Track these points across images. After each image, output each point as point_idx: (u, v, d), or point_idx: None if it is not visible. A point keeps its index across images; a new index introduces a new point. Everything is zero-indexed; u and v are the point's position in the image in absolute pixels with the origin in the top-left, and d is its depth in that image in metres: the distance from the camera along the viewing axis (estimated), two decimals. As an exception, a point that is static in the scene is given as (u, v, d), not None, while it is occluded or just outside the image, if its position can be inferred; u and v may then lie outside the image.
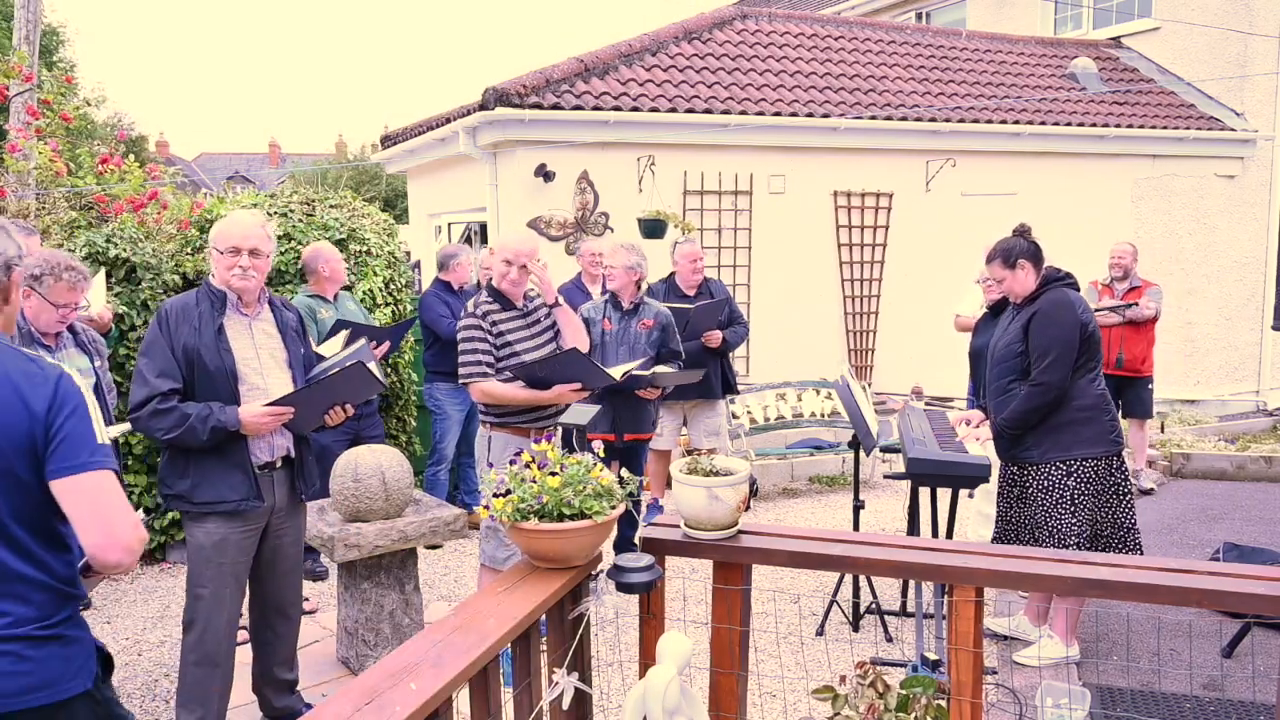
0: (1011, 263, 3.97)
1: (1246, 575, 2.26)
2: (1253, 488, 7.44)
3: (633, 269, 5.09)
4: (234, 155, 41.98)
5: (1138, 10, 12.84)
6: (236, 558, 3.21)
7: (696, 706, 2.31)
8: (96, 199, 5.88)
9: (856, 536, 2.62)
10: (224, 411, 3.08)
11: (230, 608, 3.24)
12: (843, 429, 7.44)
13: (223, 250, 3.15)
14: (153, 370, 3.06)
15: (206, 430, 3.04)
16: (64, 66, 17.72)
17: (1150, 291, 6.86)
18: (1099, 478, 3.88)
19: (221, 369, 3.11)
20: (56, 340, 3.53)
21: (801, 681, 3.99)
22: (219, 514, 3.15)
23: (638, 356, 4.96)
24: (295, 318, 3.43)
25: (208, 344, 3.11)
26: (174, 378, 3.06)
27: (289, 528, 3.40)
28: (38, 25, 6.52)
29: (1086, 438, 3.86)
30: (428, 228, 10.46)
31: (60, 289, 3.42)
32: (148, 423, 3.05)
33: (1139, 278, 6.99)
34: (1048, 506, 3.89)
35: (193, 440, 3.05)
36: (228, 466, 3.14)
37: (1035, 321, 3.88)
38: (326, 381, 3.21)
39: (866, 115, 8.84)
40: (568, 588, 2.31)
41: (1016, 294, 4.01)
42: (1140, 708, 3.72)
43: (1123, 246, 6.98)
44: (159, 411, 3.03)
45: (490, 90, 7.44)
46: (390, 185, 26.08)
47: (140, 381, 3.07)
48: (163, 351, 3.07)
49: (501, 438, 3.98)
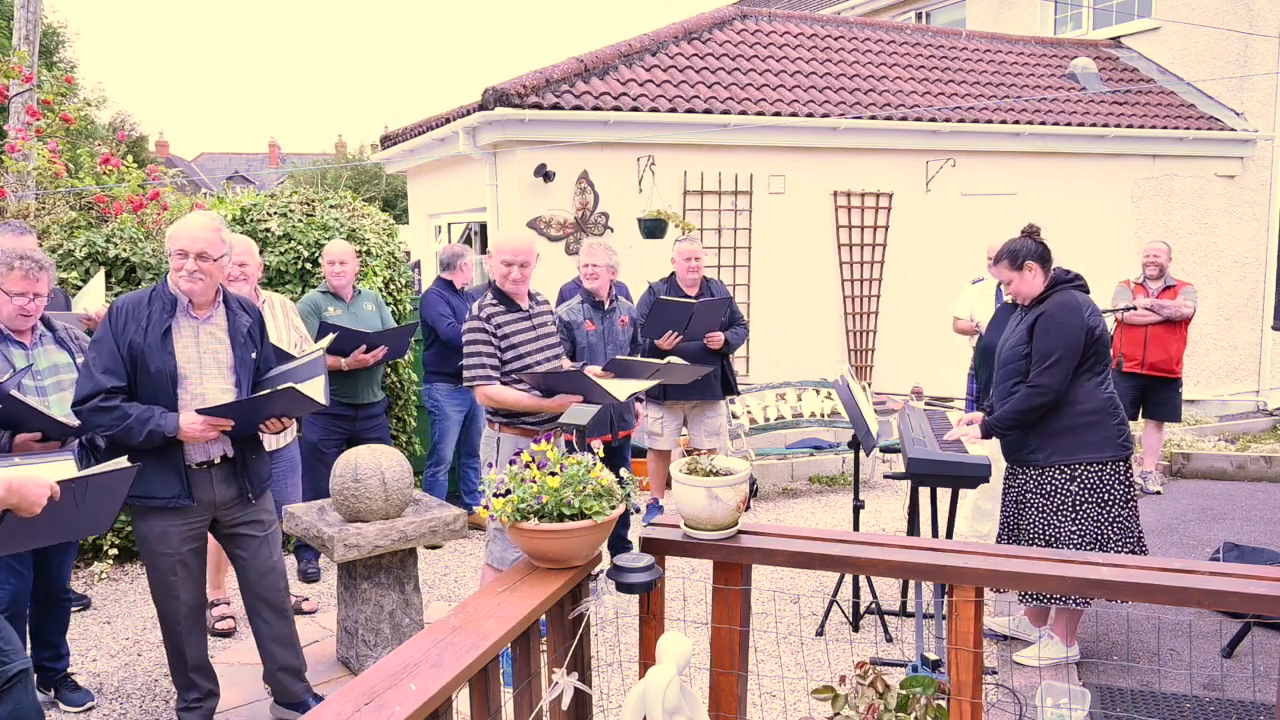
0: (1019, 264, 3.95)
1: (1247, 575, 2.26)
2: (1253, 488, 7.44)
3: (613, 268, 5.23)
4: (234, 155, 41.99)
5: (1138, 10, 12.84)
6: (179, 548, 3.29)
7: (696, 706, 2.31)
8: (96, 199, 5.89)
9: (856, 536, 2.62)
10: (164, 418, 3.13)
11: (184, 595, 3.32)
12: (843, 429, 7.45)
13: (172, 251, 3.19)
14: (99, 366, 3.11)
15: (143, 433, 3.09)
16: (64, 67, 17.72)
17: (1185, 291, 6.84)
18: (1103, 484, 3.84)
19: (163, 372, 3.16)
20: (32, 336, 3.51)
21: (801, 681, 3.99)
22: (156, 509, 3.24)
23: (619, 353, 5.06)
24: (252, 320, 3.43)
25: (153, 345, 3.14)
26: (119, 375, 3.11)
27: (247, 522, 3.44)
28: (38, 25, 6.52)
29: (1092, 442, 3.82)
30: (428, 228, 10.46)
31: (14, 278, 3.37)
32: (89, 417, 3.11)
33: (1173, 277, 6.98)
34: (1047, 511, 3.87)
35: (127, 440, 3.11)
36: (161, 464, 3.20)
37: (1040, 323, 3.85)
38: (259, 399, 3.24)
39: (866, 115, 8.84)
40: (568, 588, 2.31)
41: (1024, 296, 3.98)
42: (1140, 708, 3.71)
43: (1157, 245, 6.94)
44: (101, 409, 3.08)
45: (490, 90, 7.44)
46: (390, 185, 26.09)
47: (86, 376, 3.13)
48: (110, 349, 3.12)
49: (510, 439, 3.98)
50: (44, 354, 3.51)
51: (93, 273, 5.40)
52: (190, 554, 3.34)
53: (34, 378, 3.43)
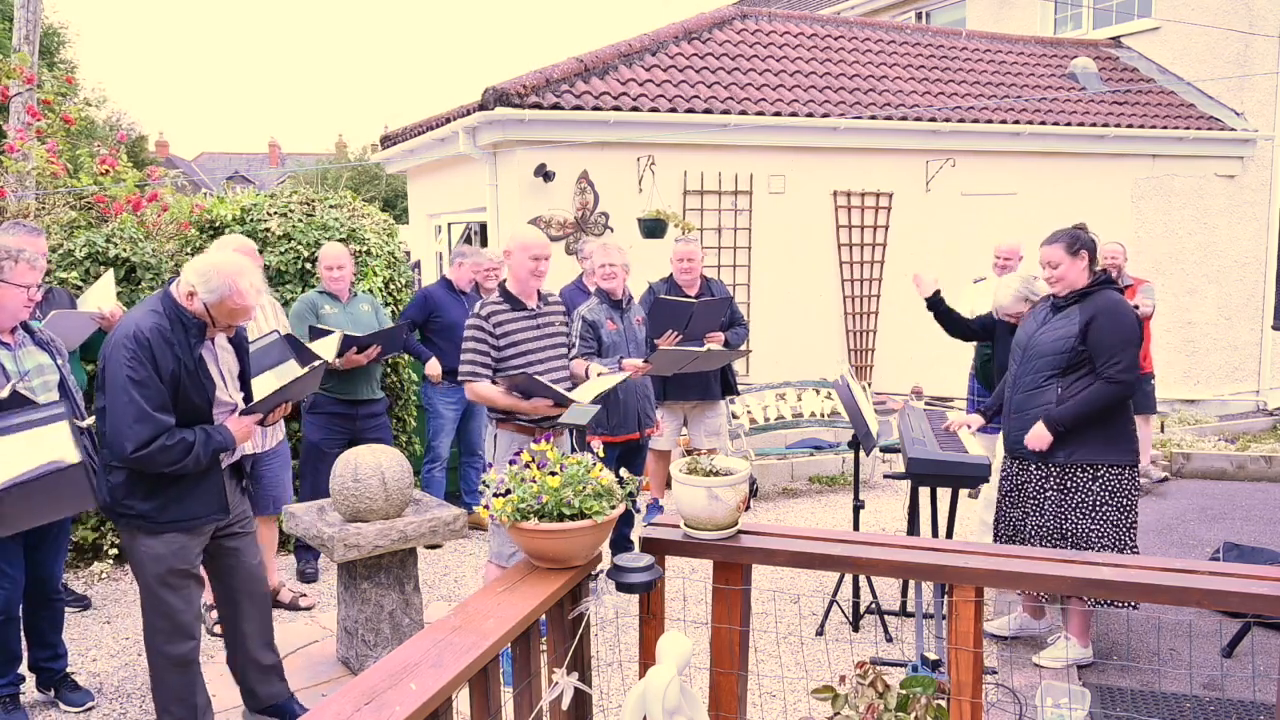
0: (1075, 249, 3.94)
1: (1247, 575, 2.26)
2: (1253, 488, 7.44)
3: (627, 266, 5.24)
4: (234, 155, 41.99)
5: (1138, 10, 12.84)
6: (196, 558, 3.24)
7: (696, 706, 2.31)
8: (96, 199, 5.89)
9: (856, 536, 2.62)
10: (219, 432, 3.12)
11: (194, 606, 3.27)
12: (843, 429, 7.44)
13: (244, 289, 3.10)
14: (152, 405, 2.98)
15: (208, 454, 3.08)
16: (65, 67, 17.72)
17: (1144, 289, 6.85)
18: (1122, 487, 3.91)
19: (204, 397, 3.12)
20: (14, 337, 3.52)
21: (801, 681, 3.99)
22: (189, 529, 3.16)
23: (640, 351, 5.09)
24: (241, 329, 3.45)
25: (190, 373, 3.08)
26: (169, 410, 3.03)
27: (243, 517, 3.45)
28: (37, 25, 6.51)
29: (1118, 445, 3.90)
30: (428, 228, 10.46)
31: (22, 270, 3.41)
32: (156, 457, 2.98)
33: (1129, 276, 6.99)
34: (1065, 509, 3.89)
35: (195, 468, 3.06)
36: (206, 483, 3.15)
37: (1102, 319, 3.85)
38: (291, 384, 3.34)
39: (866, 115, 8.84)
40: (568, 588, 2.31)
41: (1066, 284, 3.96)
42: (1140, 708, 3.71)
43: (1113, 246, 6.95)
44: (166, 447, 2.99)
45: (490, 90, 7.44)
46: (390, 185, 26.09)
47: (142, 418, 2.96)
48: (156, 386, 2.99)
49: (507, 435, 4.01)
50: (28, 355, 3.51)
51: (93, 272, 5.40)
52: (199, 564, 3.27)
53: (22, 378, 3.44)
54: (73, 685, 3.92)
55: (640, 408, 5.06)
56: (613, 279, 5.16)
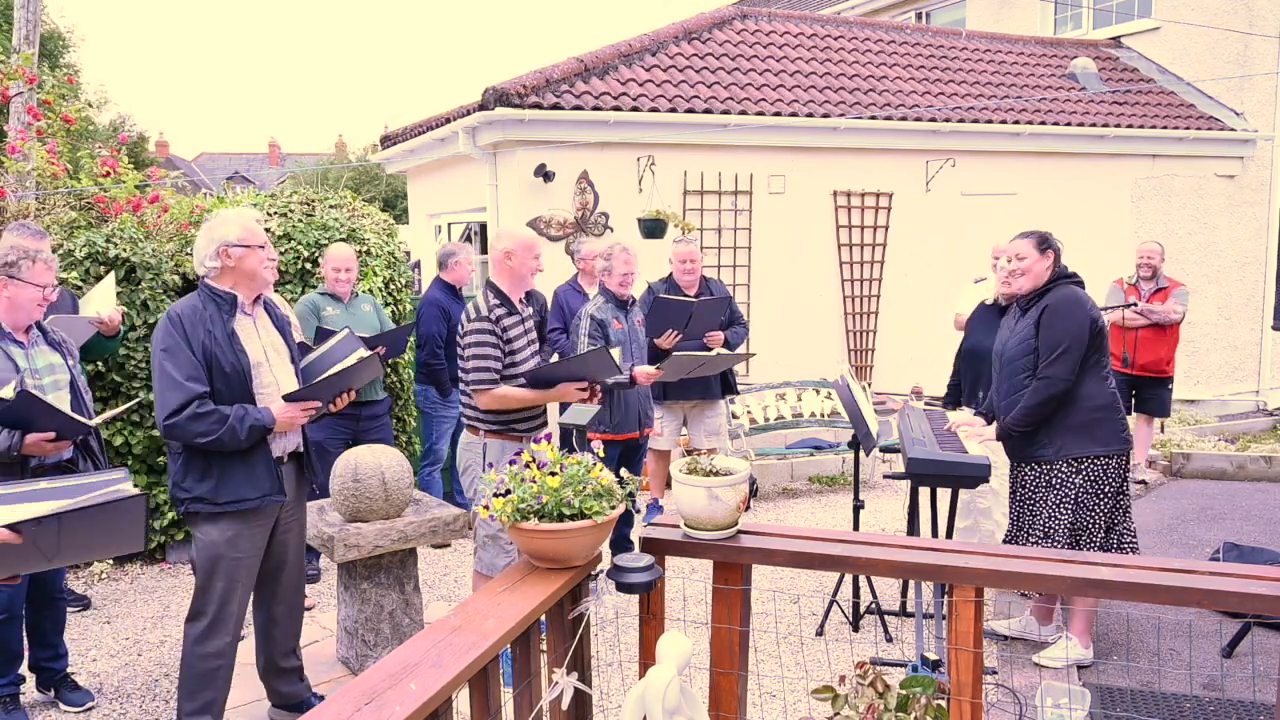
0: (1044, 248, 3.98)
1: (1246, 575, 2.26)
2: (1253, 488, 7.44)
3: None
4: (234, 155, 41.96)
5: (1138, 10, 12.84)
6: (250, 552, 3.25)
7: (696, 706, 2.31)
8: (96, 199, 5.89)
9: (856, 536, 2.62)
10: (259, 411, 3.12)
11: (240, 601, 3.27)
12: (843, 429, 7.44)
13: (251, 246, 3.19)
14: (181, 374, 3.01)
15: (245, 431, 3.06)
16: (67, 70, 17.72)
17: (1177, 293, 6.84)
18: (1105, 476, 3.90)
19: (237, 369, 3.13)
20: (28, 336, 3.53)
21: (801, 681, 3.99)
22: (236, 513, 3.17)
23: (641, 351, 5.10)
24: (283, 315, 3.51)
25: (222, 346, 3.11)
26: (202, 380, 3.05)
27: (295, 521, 3.48)
28: (37, 25, 6.51)
29: (1100, 437, 3.88)
30: (428, 228, 10.46)
31: (39, 270, 3.45)
32: (187, 426, 3.00)
33: (1165, 278, 6.96)
34: (1051, 505, 3.89)
35: (232, 442, 3.05)
36: (252, 464, 3.16)
37: (1047, 316, 3.88)
38: (343, 373, 3.32)
39: (866, 115, 8.84)
40: (567, 588, 2.31)
41: (1030, 280, 3.99)
42: (1140, 708, 3.71)
43: (1150, 246, 6.93)
44: (199, 415, 3.00)
45: (490, 90, 7.44)
46: (390, 185, 26.06)
47: (172, 385, 3.00)
48: (186, 356, 3.03)
49: (498, 444, 3.92)
50: (40, 354, 3.53)
51: (93, 272, 5.40)
52: (254, 561, 3.28)
53: (33, 376, 3.44)
54: (73, 685, 3.92)
55: (642, 407, 5.07)
56: (629, 285, 5.16)
